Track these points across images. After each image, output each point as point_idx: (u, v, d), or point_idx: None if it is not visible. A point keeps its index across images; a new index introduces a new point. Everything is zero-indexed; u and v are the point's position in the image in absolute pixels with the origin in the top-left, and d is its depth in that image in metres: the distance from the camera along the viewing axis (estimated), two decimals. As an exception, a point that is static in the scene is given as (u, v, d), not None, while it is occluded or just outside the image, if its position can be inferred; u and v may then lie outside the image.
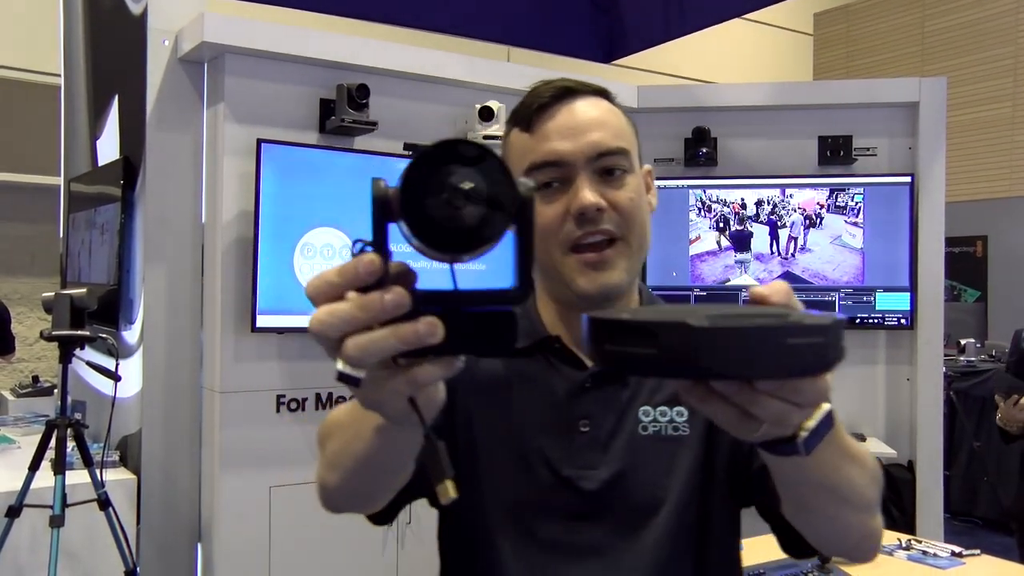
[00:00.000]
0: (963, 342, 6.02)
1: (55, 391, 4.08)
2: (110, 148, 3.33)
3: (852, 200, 3.52)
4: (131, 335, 3.03)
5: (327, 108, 2.97)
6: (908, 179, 3.52)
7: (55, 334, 2.59)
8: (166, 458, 2.91)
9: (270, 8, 3.63)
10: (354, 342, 0.53)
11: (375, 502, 0.87)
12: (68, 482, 2.50)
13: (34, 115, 4.86)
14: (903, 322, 3.49)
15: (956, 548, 2.36)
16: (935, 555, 2.18)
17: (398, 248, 0.54)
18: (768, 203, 3.58)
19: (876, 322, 3.49)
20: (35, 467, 2.51)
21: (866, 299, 3.50)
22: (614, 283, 0.96)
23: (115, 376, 2.64)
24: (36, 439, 2.59)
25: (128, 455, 3.02)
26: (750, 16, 7.39)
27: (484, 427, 0.99)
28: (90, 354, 2.81)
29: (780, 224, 3.57)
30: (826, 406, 0.61)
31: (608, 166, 0.96)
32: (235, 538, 2.82)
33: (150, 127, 2.89)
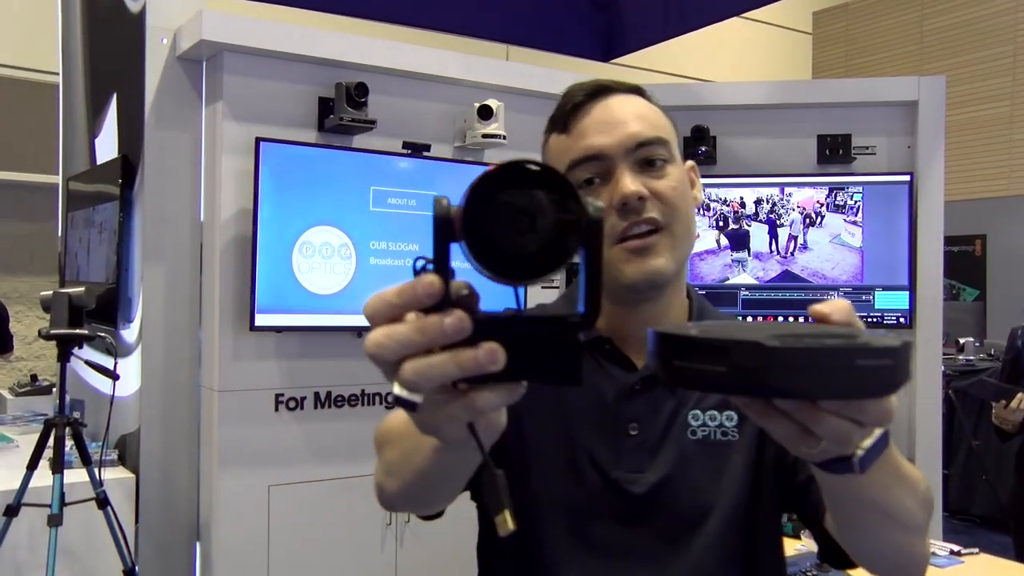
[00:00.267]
0: (962, 341, 6.03)
1: (53, 390, 4.08)
2: (108, 146, 3.33)
3: (851, 199, 3.52)
4: (129, 334, 3.03)
5: (326, 107, 2.97)
6: (907, 178, 3.51)
7: (53, 333, 2.59)
8: (165, 457, 2.90)
9: (269, 6, 3.63)
10: (411, 366, 0.50)
11: (434, 507, 0.86)
12: (66, 481, 2.50)
13: (32, 113, 4.85)
14: (902, 321, 3.49)
15: (955, 547, 2.36)
16: (934, 554, 2.19)
17: (460, 264, 0.51)
18: (767, 202, 3.58)
19: (875, 321, 3.49)
20: (33, 466, 2.50)
21: (865, 298, 3.50)
22: (660, 269, 0.94)
23: (114, 375, 2.63)
24: (34, 438, 2.59)
25: (127, 454, 3.02)
26: (749, 15, 7.38)
27: (533, 426, 0.98)
28: (88, 353, 2.81)
29: (779, 223, 3.57)
30: None
31: (648, 156, 0.95)
32: (234, 537, 2.82)
33: (148, 125, 2.89)
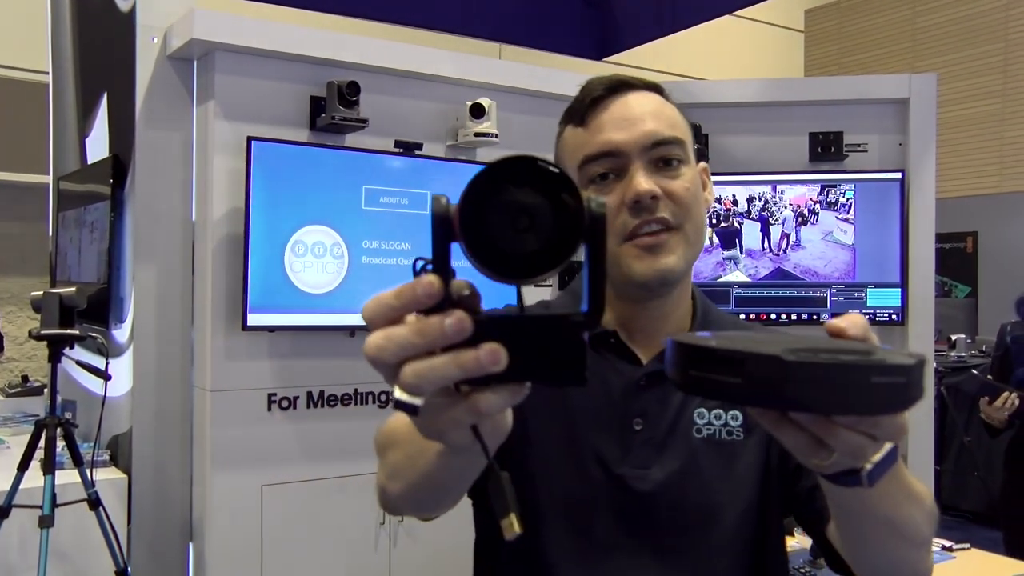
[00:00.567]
0: (954, 337, 6.06)
1: (45, 390, 4.06)
2: (99, 146, 3.31)
3: (843, 196, 3.53)
4: (121, 334, 3.02)
5: (317, 105, 2.96)
6: (899, 175, 3.52)
7: (44, 333, 2.58)
8: (157, 457, 2.89)
9: (260, 5, 3.61)
10: (412, 369, 0.49)
11: (439, 511, 0.85)
12: (58, 482, 2.48)
13: (22, 113, 4.82)
14: (894, 318, 3.50)
15: (946, 542, 2.37)
16: (926, 550, 2.19)
17: (461, 264, 0.50)
18: (760, 199, 3.58)
19: (867, 318, 3.50)
20: (24, 467, 2.49)
21: (857, 295, 3.51)
22: (670, 267, 0.94)
23: (105, 375, 2.62)
24: (25, 439, 2.57)
25: (119, 454, 3.01)
26: (741, 12, 7.38)
27: (537, 420, 0.97)
28: (80, 353, 2.80)
29: (772, 220, 3.57)
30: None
31: (663, 156, 0.95)
32: (227, 537, 2.81)
33: (139, 125, 2.87)
